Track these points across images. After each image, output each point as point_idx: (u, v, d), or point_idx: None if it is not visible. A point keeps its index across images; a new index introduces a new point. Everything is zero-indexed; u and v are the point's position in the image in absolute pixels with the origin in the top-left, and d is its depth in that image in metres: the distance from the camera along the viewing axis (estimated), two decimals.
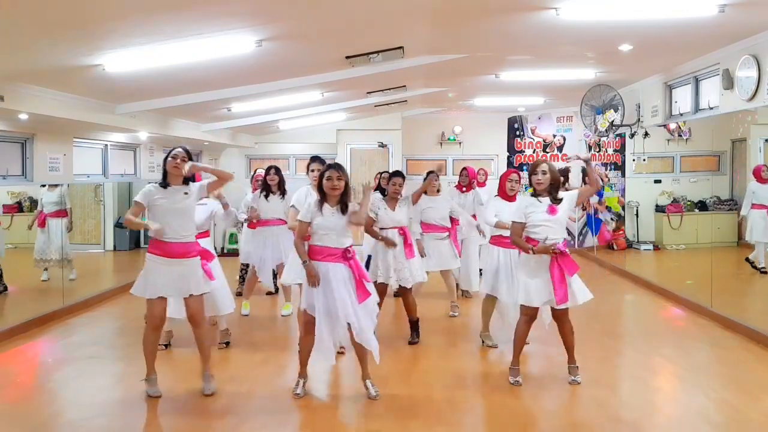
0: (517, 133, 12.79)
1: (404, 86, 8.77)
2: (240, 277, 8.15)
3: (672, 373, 5.20)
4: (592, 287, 7.14)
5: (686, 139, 11.35)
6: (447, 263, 6.85)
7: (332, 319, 4.42)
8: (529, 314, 4.77)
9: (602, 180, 12.13)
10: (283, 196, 6.89)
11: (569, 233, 12.22)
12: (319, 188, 4.50)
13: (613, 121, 9.01)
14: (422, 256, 6.17)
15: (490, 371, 5.26)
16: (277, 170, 7.01)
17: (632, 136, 9.36)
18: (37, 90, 5.61)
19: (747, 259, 8.49)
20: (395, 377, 5.00)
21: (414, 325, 5.96)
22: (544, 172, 4.67)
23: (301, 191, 5.51)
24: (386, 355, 5.60)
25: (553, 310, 4.78)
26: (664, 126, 9.84)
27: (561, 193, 4.73)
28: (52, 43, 4.44)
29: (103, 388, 4.85)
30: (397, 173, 6.04)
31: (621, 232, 12.01)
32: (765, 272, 8.23)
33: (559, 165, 12.43)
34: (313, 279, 4.39)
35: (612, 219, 12.13)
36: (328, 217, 4.41)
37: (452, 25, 5.58)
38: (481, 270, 6.66)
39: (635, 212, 11.91)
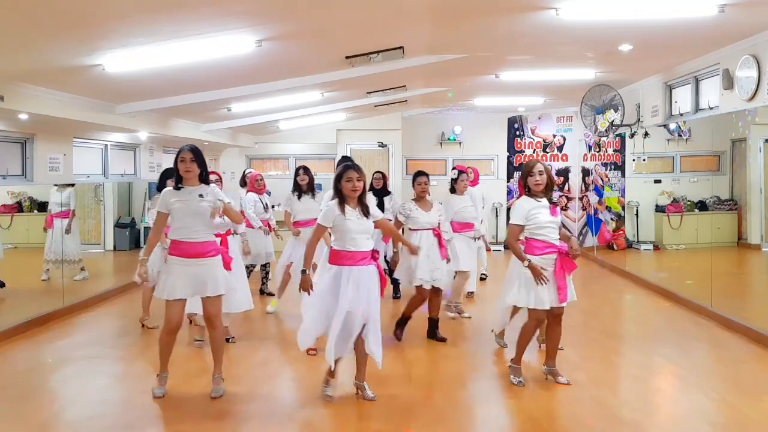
0: (517, 133, 12.79)
1: (404, 86, 8.76)
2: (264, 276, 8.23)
3: (672, 373, 5.20)
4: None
5: (686, 139, 11.36)
6: (469, 264, 6.82)
7: (351, 322, 4.26)
8: (540, 317, 4.68)
9: (602, 179, 12.14)
10: (314, 195, 7.07)
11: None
12: (337, 191, 4.33)
13: (613, 121, 9.00)
14: (447, 261, 6.06)
15: (489, 371, 5.26)
16: (306, 170, 7.13)
17: (632, 136, 9.36)
18: (37, 90, 5.61)
19: None
20: (395, 378, 5.00)
21: (435, 323, 6.01)
22: (541, 173, 4.60)
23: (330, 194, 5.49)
24: (386, 356, 5.60)
25: (551, 311, 4.67)
26: (664, 126, 9.84)
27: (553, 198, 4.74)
28: (52, 43, 4.44)
29: (103, 388, 4.85)
30: (421, 173, 6.02)
31: (621, 232, 12.01)
32: None
33: (558, 165, 12.46)
34: (307, 289, 4.34)
35: (612, 219, 12.12)
36: (354, 220, 4.25)
37: (452, 25, 5.58)
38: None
39: (635, 212, 11.91)
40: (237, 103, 8.11)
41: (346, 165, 4.38)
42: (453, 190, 6.82)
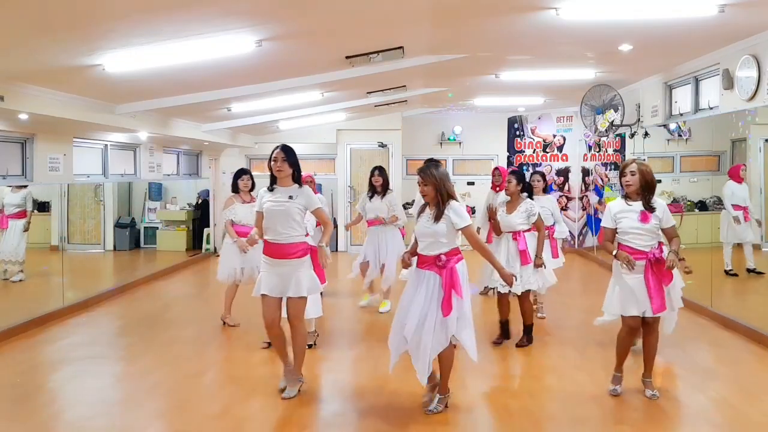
0: (517, 133, 12.79)
1: (404, 86, 8.76)
2: None
3: (672, 373, 5.19)
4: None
5: (686, 139, 11.35)
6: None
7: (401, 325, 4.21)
8: (628, 324, 4.50)
9: (602, 179, 12.14)
10: (384, 195, 7.17)
11: (570, 234, 12.21)
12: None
13: (613, 121, 9.00)
14: (535, 265, 5.82)
15: (490, 371, 5.25)
16: (381, 171, 7.24)
17: (632, 136, 9.36)
18: (37, 90, 5.61)
19: (726, 271, 8.32)
20: (395, 377, 4.99)
21: (527, 329, 5.85)
22: (632, 173, 4.41)
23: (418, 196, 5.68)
24: (386, 355, 5.60)
25: (643, 317, 4.47)
26: (664, 126, 9.85)
27: (658, 203, 4.46)
28: (52, 43, 4.44)
29: (103, 388, 4.85)
30: (513, 172, 5.86)
31: None
32: (761, 273, 8.22)
33: (558, 165, 12.46)
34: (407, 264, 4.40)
35: None
36: (422, 223, 4.23)
37: (452, 25, 5.58)
38: None
39: None
40: (237, 103, 8.10)
41: (419, 168, 4.34)
42: (530, 193, 6.66)
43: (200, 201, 12.52)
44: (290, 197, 4.44)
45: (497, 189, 7.50)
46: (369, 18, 5.06)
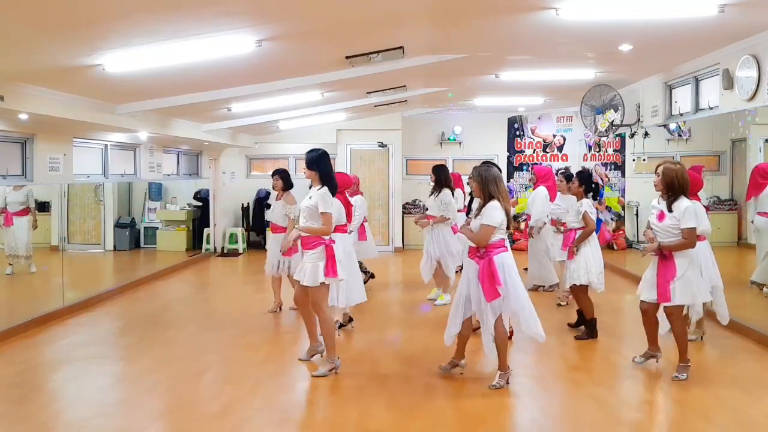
0: (517, 133, 12.79)
1: (404, 86, 8.76)
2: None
3: (672, 373, 5.18)
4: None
5: (686, 139, 11.36)
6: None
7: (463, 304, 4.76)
8: (640, 307, 5.06)
9: (602, 179, 12.15)
10: (439, 193, 7.35)
11: None
12: None
13: (613, 121, 9.00)
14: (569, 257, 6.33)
15: (490, 370, 5.25)
16: (435, 170, 7.45)
17: (632, 136, 9.36)
18: (37, 90, 5.60)
19: None
20: (396, 376, 5.00)
21: (585, 323, 6.20)
22: (658, 174, 4.78)
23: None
24: (387, 353, 5.61)
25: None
26: (664, 126, 9.85)
27: (680, 204, 4.70)
28: (52, 43, 4.44)
29: (103, 388, 4.85)
30: (578, 173, 6.30)
31: (621, 232, 12.01)
32: None
33: (558, 165, 12.45)
34: None
35: (612, 219, 12.12)
36: (473, 218, 4.72)
37: (452, 25, 5.58)
38: None
39: (635, 212, 11.90)
40: (237, 103, 8.10)
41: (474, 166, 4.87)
42: (595, 194, 6.95)
43: (198, 197, 12.47)
44: (310, 197, 4.96)
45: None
46: (369, 18, 5.06)
